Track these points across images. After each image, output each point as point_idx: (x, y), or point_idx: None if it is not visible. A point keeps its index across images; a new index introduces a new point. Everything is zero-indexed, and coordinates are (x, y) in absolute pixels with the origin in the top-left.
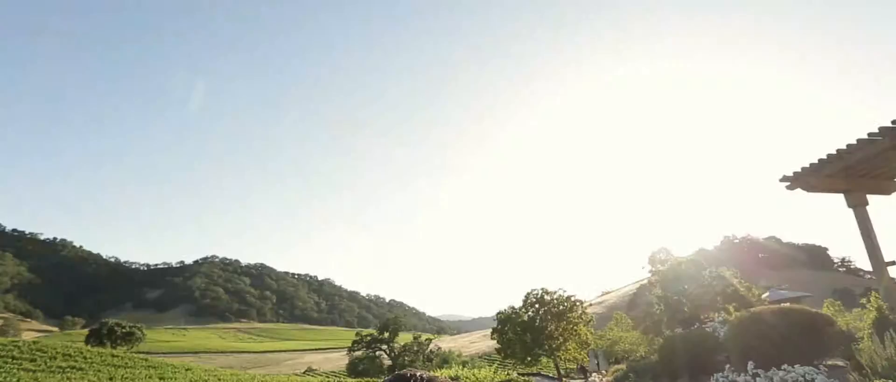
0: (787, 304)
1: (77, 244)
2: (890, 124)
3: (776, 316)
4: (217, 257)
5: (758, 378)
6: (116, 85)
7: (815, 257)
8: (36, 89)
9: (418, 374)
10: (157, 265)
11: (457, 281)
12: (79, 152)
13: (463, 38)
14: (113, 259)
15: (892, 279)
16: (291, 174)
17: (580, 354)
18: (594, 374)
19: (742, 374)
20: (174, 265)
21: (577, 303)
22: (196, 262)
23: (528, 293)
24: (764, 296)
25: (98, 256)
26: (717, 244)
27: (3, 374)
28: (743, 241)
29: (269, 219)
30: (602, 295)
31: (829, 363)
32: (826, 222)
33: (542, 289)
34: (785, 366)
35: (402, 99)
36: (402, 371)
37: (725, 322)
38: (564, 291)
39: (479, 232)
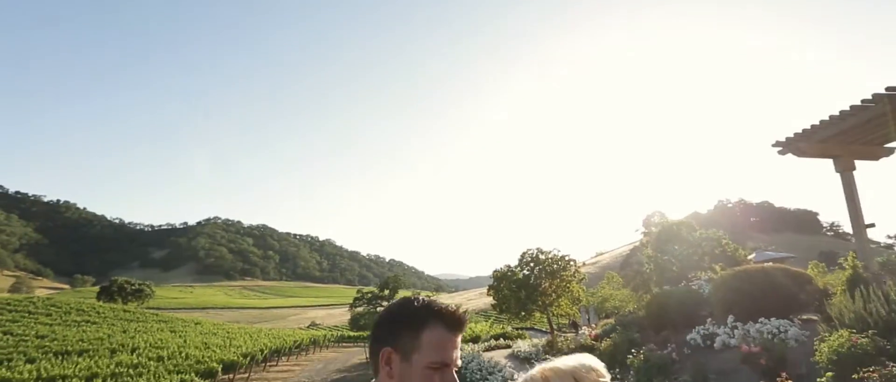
0: (770, 264)
1: (81, 205)
2: (884, 91)
3: (757, 274)
4: (220, 218)
5: (736, 330)
6: (118, 43)
7: (806, 221)
8: (35, 50)
9: (421, 297)
10: (160, 226)
11: (455, 242)
12: (79, 114)
13: None
14: (117, 220)
15: (870, 240)
16: (291, 137)
17: (572, 309)
18: (584, 327)
19: (722, 326)
20: (178, 226)
21: (571, 262)
22: (199, 223)
23: (524, 253)
24: (750, 257)
25: (102, 217)
26: (710, 208)
27: (22, 327)
28: (736, 205)
29: (271, 182)
30: (596, 256)
31: (804, 317)
32: (818, 188)
33: (538, 249)
34: (762, 319)
35: (400, 58)
36: (406, 296)
37: (710, 281)
38: (559, 251)
39: (478, 194)
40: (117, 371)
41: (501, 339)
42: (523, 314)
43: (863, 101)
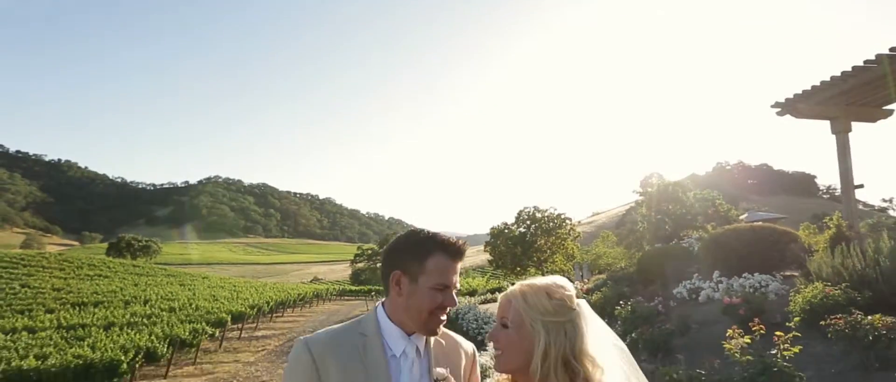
0: (760, 223)
1: (82, 164)
2: (888, 52)
3: (745, 232)
4: (220, 177)
5: (720, 284)
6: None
7: (803, 184)
8: (33, 8)
9: (426, 229)
10: (162, 184)
11: (454, 200)
12: (78, 73)
13: None
14: (119, 179)
15: (863, 202)
16: (290, 96)
17: (566, 266)
18: (577, 282)
19: (707, 281)
20: (180, 185)
21: (566, 220)
22: (200, 182)
23: (521, 211)
24: (742, 217)
25: (105, 176)
26: (708, 170)
27: (38, 280)
28: (735, 167)
29: (270, 140)
30: (592, 216)
31: (787, 273)
32: (817, 151)
33: (535, 207)
34: (746, 274)
35: (402, 16)
36: (413, 228)
37: (700, 239)
38: (555, 209)
39: (477, 153)
40: (132, 321)
41: (497, 293)
42: (518, 269)
43: (865, 61)
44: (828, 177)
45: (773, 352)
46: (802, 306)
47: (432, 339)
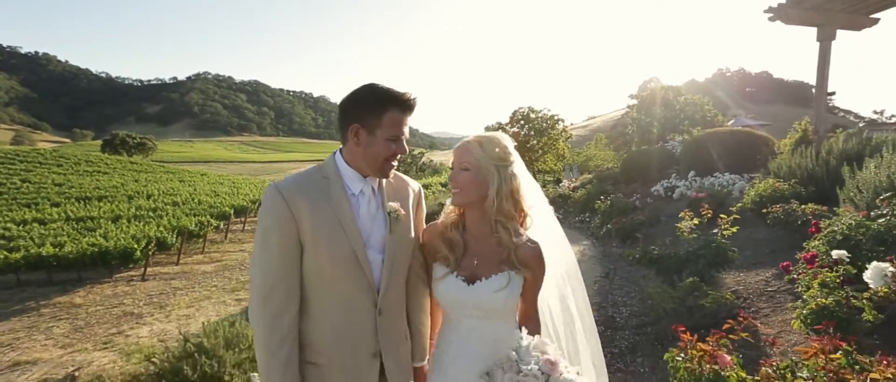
0: (740, 128)
1: (62, 58)
2: None
3: (723, 136)
4: (210, 73)
5: (694, 183)
6: None
7: (801, 93)
8: None
9: (381, 85)
10: (150, 80)
11: (450, 100)
12: None
13: None
14: (104, 74)
15: (828, 106)
16: None
17: (557, 166)
18: (565, 181)
19: (683, 180)
20: (168, 81)
21: (559, 121)
22: (189, 78)
23: (516, 111)
24: (729, 123)
25: (87, 70)
26: (708, 76)
27: (38, 176)
28: (735, 74)
29: (261, 36)
30: (588, 120)
31: (756, 173)
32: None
33: (529, 108)
34: (716, 174)
35: None
36: (369, 84)
37: (683, 142)
38: (549, 110)
39: (475, 52)
40: (138, 214)
41: None
42: None
43: None
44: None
45: (715, 232)
46: (753, 198)
47: (384, 180)
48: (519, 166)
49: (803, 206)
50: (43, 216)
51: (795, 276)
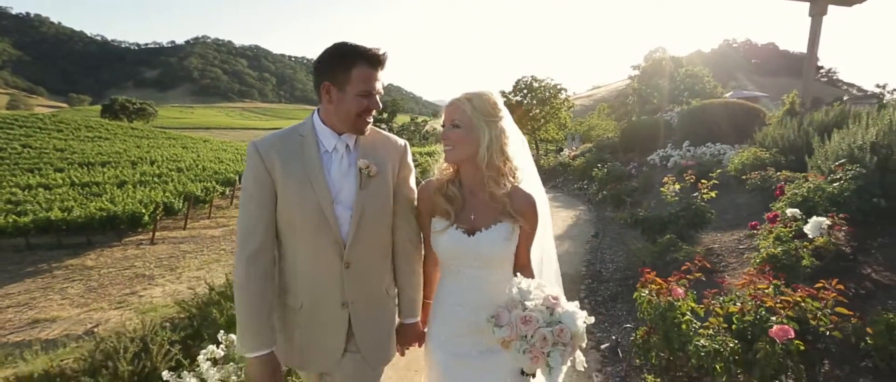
0: (736, 100)
1: (54, 20)
2: None
3: (718, 107)
4: (209, 37)
5: (688, 153)
6: None
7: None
8: None
9: (349, 42)
10: (147, 44)
11: (454, 68)
12: None
13: None
14: (100, 37)
15: (850, 84)
16: None
17: (559, 135)
18: (566, 150)
19: (678, 150)
20: (166, 45)
21: (562, 90)
22: (188, 42)
23: (519, 80)
24: (727, 94)
25: (82, 33)
26: (714, 47)
27: (38, 141)
28: (741, 45)
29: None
30: (592, 89)
31: (745, 144)
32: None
33: (532, 77)
34: (709, 143)
35: None
36: (338, 42)
37: (680, 113)
38: (552, 79)
39: (480, 19)
40: (143, 180)
41: None
42: None
43: None
44: (828, 60)
45: (695, 195)
46: (736, 165)
47: (362, 138)
48: (508, 122)
49: (779, 173)
50: (47, 182)
51: (755, 233)
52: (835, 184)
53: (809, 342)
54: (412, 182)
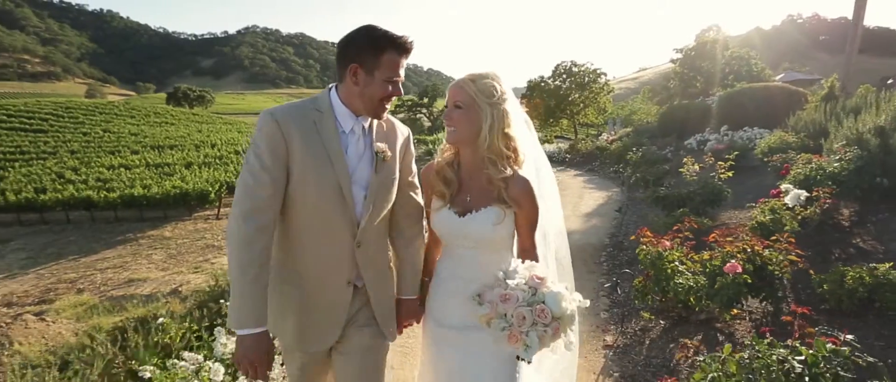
0: (777, 83)
1: (124, 14)
2: None
3: (758, 91)
4: (258, 26)
5: (725, 137)
6: None
7: (884, 42)
8: None
9: (380, 26)
10: (203, 35)
11: (495, 51)
12: None
13: None
14: (162, 30)
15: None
16: None
17: (598, 119)
18: (604, 134)
19: (715, 134)
20: (220, 36)
21: (601, 75)
22: (239, 32)
23: (559, 65)
24: (777, 77)
25: (147, 26)
26: (776, 24)
27: (116, 126)
28: (808, 20)
29: None
30: (639, 71)
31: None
32: None
33: (572, 61)
34: (746, 128)
35: None
36: (369, 25)
37: (718, 97)
38: (592, 64)
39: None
40: (207, 161)
41: None
42: (551, 120)
43: None
44: None
45: (712, 175)
46: (763, 149)
47: (375, 121)
48: (512, 105)
49: (798, 155)
50: (127, 162)
51: (753, 205)
52: (835, 164)
53: (764, 280)
54: (413, 166)
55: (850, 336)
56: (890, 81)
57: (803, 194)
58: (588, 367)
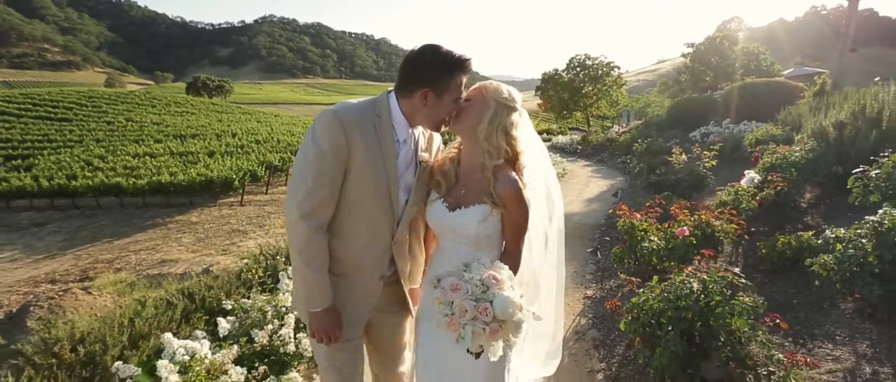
0: (781, 78)
1: (142, 4)
2: None
3: (761, 86)
4: (275, 16)
5: (727, 129)
6: None
7: None
8: None
9: (444, 47)
10: (220, 24)
11: (513, 43)
12: None
13: None
14: (179, 19)
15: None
16: None
17: (610, 112)
18: (615, 127)
19: (717, 127)
20: (237, 25)
21: (615, 68)
22: (256, 21)
23: (573, 58)
24: (785, 72)
25: (165, 15)
26: (800, 15)
27: (138, 115)
28: (831, 12)
29: None
30: (657, 63)
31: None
32: None
33: (585, 55)
34: (746, 121)
35: None
36: (435, 46)
37: (724, 92)
38: (606, 57)
39: None
40: (228, 150)
41: (544, 134)
42: (564, 113)
43: None
44: None
45: (698, 163)
46: (750, 141)
47: (420, 128)
48: (521, 116)
49: (778, 147)
50: (151, 151)
51: (724, 187)
52: (797, 154)
53: (710, 241)
54: None
55: (739, 272)
56: (877, 80)
57: (757, 178)
58: (570, 311)
